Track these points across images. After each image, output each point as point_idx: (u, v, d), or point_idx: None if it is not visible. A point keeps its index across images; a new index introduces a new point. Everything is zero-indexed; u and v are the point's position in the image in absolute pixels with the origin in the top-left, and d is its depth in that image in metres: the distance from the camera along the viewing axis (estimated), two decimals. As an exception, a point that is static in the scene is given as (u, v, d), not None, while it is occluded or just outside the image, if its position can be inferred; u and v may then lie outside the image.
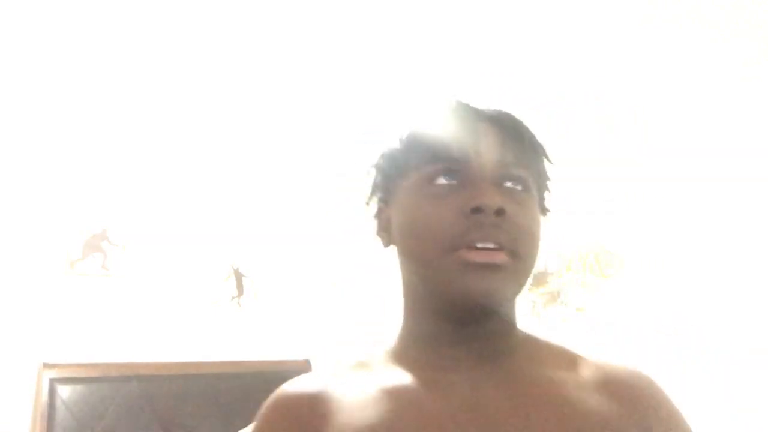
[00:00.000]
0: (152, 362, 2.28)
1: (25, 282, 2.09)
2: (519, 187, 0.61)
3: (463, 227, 0.56)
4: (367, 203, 0.72)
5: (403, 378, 0.61)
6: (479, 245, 0.55)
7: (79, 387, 2.05)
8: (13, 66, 2.19)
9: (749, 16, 1.88)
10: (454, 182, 0.59)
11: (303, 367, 2.73)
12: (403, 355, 0.65)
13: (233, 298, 2.70)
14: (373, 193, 0.71)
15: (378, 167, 0.69)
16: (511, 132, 0.62)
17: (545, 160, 0.67)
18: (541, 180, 0.65)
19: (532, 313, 2.47)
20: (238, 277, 2.74)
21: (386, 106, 2.75)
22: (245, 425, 2.42)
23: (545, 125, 2.51)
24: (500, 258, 0.56)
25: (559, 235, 2.43)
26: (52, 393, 1.99)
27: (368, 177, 0.71)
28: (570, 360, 0.64)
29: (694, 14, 1.91)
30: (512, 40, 2.23)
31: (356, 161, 3.24)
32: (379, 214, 0.70)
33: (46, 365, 2.02)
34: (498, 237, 0.56)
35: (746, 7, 1.84)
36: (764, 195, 1.97)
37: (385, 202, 0.68)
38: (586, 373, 0.62)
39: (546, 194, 0.68)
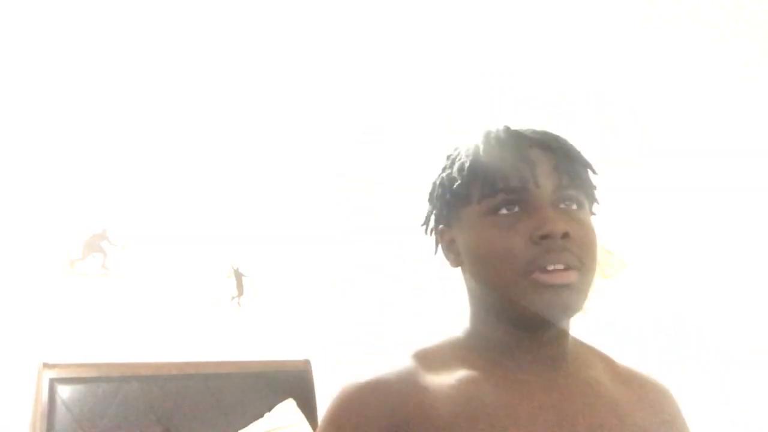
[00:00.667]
0: (152, 362, 2.28)
1: (25, 282, 2.09)
2: (574, 206, 0.67)
3: (534, 253, 0.63)
4: (424, 225, 0.80)
5: (486, 376, 0.67)
6: (550, 268, 0.62)
7: (79, 387, 2.05)
8: (14, 66, 2.19)
9: (749, 16, 1.88)
10: (516, 210, 0.65)
11: (303, 367, 2.73)
12: (477, 357, 0.70)
13: (233, 298, 2.70)
14: (432, 212, 0.78)
15: (441, 191, 0.74)
16: (561, 155, 0.68)
17: (591, 173, 0.73)
18: (589, 192, 0.71)
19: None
20: (238, 277, 2.74)
21: (386, 106, 2.75)
22: (245, 425, 2.42)
23: (545, 125, 2.51)
24: (572, 277, 0.62)
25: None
26: (52, 393, 1.99)
27: (426, 202, 0.79)
28: (606, 362, 0.73)
29: (695, 14, 1.91)
30: (514, 41, 2.23)
31: (356, 161, 3.24)
32: (442, 236, 0.76)
33: (46, 365, 2.02)
34: (566, 259, 0.63)
35: (746, 6, 1.84)
36: (764, 195, 1.97)
37: (447, 225, 0.75)
38: (622, 376, 0.72)
39: (594, 204, 0.74)
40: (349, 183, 3.30)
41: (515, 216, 0.65)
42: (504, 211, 0.66)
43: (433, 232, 0.78)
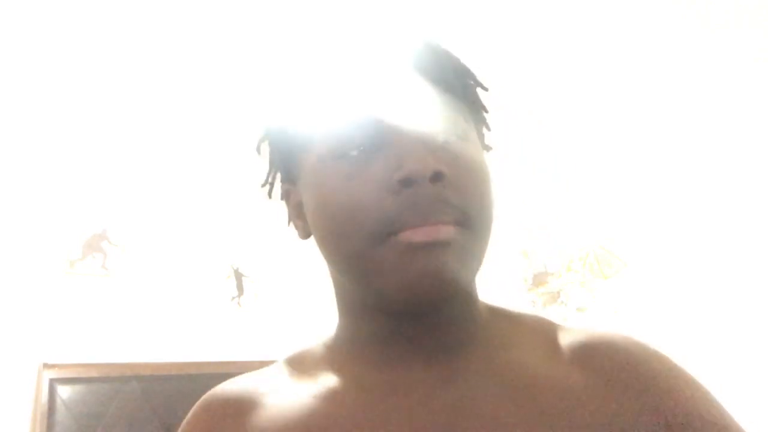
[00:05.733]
0: (152, 362, 2.28)
1: (25, 282, 2.09)
2: (453, 137, 0.47)
3: (394, 207, 0.44)
4: (265, 184, 0.60)
5: (339, 381, 0.52)
6: (420, 223, 0.43)
7: (79, 387, 2.05)
8: (13, 66, 2.19)
9: (753, 10, 1.88)
10: (368, 151, 0.46)
11: (303, 367, 2.72)
12: (340, 355, 0.55)
13: (233, 298, 2.70)
14: (271, 170, 0.58)
15: (272, 138, 0.55)
16: (435, 74, 0.49)
17: (478, 88, 0.54)
18: (476, 113, 0.53)
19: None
20: (238, 277, 2.74)
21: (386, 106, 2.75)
22: (245, 425, 2.42)
23: (545, 125, 2.51)
24: (447, 232, 0.43)
25: (560, 235, 2.43)
26: (52, 393, 1.99)
27: (263, 149, 0.57)
28: (543, 335, 0.52)
29: (697, 7, 1.91)
30: (513, 38, 2.23)
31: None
32: (287, 198, 0.58)
33: (46, 365, 2.02)
34: (440, 210, 0.43)
35: (748, 4, 1.84)
36: (765, 195, 1.97)
37: (291, 183, 0.56)
38: (560, 347, 0.50)
39: (484, 130, 0.55)
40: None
41: (367, 156, 0.46)
42: (353, 153, 0.46)
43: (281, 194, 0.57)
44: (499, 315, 0.55)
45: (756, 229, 1.96)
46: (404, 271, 0.43)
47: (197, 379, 2.36)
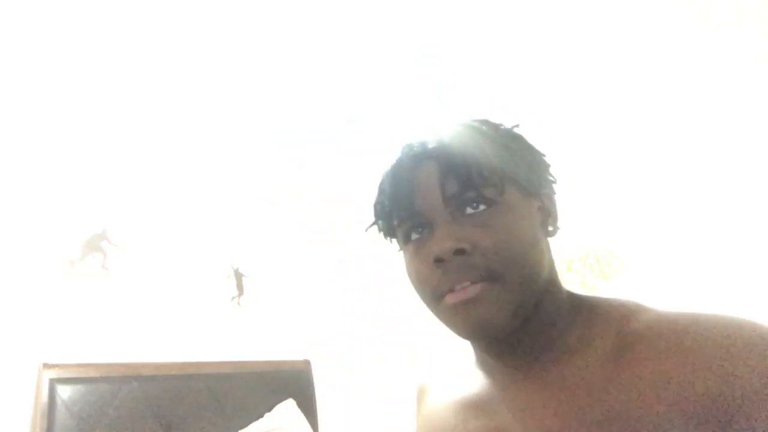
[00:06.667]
0: (152, 362, 2.28)
1: (25, 282, 2.09)
2: (481, 207, 0.59)
3: (436, 280, 0.59)
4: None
5: (467, 384, 0.69)
6: (457, 288, 0.58)
7: (79, 387, 2.05)
8: (14, 66, 2.19)
9: (753, 10, 1.88)
10: (423, 234, 0.62)
11: (303, 367, 2.73)
12: (476, 362, 0.72)
13: (233, 298, 2.70)
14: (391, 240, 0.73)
15: (379, 228, 0.70)
16: (448, 162, 0.61)
17: (512, 152, 0.64)
18: (516, 171, 0.62)
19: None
20: (238, 277, 2.74)
21: (385, 106, 2.75)
22: (245, 425, 2.42)
23: (545, 125, 2.51)
24: (473, 290, 0.57)
25: (560, 236, 2.43)
26: (52, 393, 1.99)
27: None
28: (616, 327, 0.59)
29: (697, 7, 1.91)
30: (514, 39, 2.23)
31: (355, 161, 3.24)
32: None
33: (46, 365, 2.02)
34: (466, 275, 0.57)
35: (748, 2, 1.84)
36: (765, 195, 1.97)
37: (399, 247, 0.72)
38: (626, 339, 0.57)
39: (536, 172, 0.65)
40: (349, 183, 3.30)
41: (422, 240, 0.62)
42: (414, 236, 0.62)
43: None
44: (580, 310, 0.64)
45: (756, 229, 1.96)
46: (455, 324, 0.59)
47: (197, 379, 2.36)
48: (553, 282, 0.64)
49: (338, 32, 2.22)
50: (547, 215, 0.65)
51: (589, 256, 2.36)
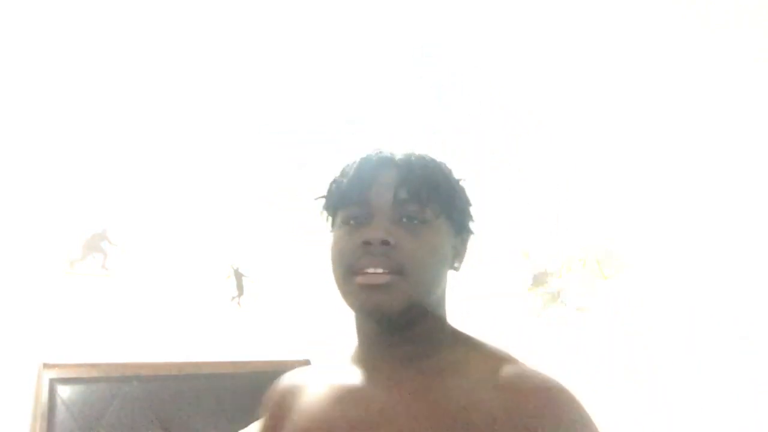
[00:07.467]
0: (152, 362, 2.28)
1: (25, 282, 2.09)
2: (415, 221, 0.72)
3: (356, 258, 0.70)
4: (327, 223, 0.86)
5: (345, 377, 0.76)
6: (369, 270, 0.69)
7: (79, 387, 2.05)
8: (14, 66, 2.19)
9: (753, 10, 1.88)
10: (361, 222, 0.73)
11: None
12: (354, 355, 0.81)
13: (233, 298, 2.70)
14: (328, 218, 0.85)
15: (324, 204, 0.83)
16: (405, 173, 0.73)
17: (456, 194, 0.77)
18: (452, 210, 0.76)
19: (532, 314, 2.47)
20: (238, 277, 2.74)
21: (384, 107, 2.75)
22: (245, 425, 2.41)
23: (545, 125, 2.51)
24: (383, 279, 0.68)
25: (560, 235, 2.43)
26: (52, 393, 1.99)
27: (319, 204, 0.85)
28: (490, 366, 0.70)
29: (697, 7, 1.91)
30: (514, 39, 2.23)
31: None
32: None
33: (46, 365, 2.02)
34: (383, 263, 0.68)
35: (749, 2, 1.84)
36: (766, 195, 1.97)
37: (330, 227, 0.83)
38: (498, 378, 0.67)
39: (465, 218, 0.79)
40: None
41: (357, 227, 0.73)
42: (352, 222, 0.74)
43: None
44: (460, 341, 0.76)
45: (756, 229, 1.96)
46: (358, 301, 0.71)
47: (197, 379, 2.36)
48: (440, 306, 0.77)
49: (338, 32, 2.22)
50: (458, 254, 0.79)
51: (589, 256, 2.36)
